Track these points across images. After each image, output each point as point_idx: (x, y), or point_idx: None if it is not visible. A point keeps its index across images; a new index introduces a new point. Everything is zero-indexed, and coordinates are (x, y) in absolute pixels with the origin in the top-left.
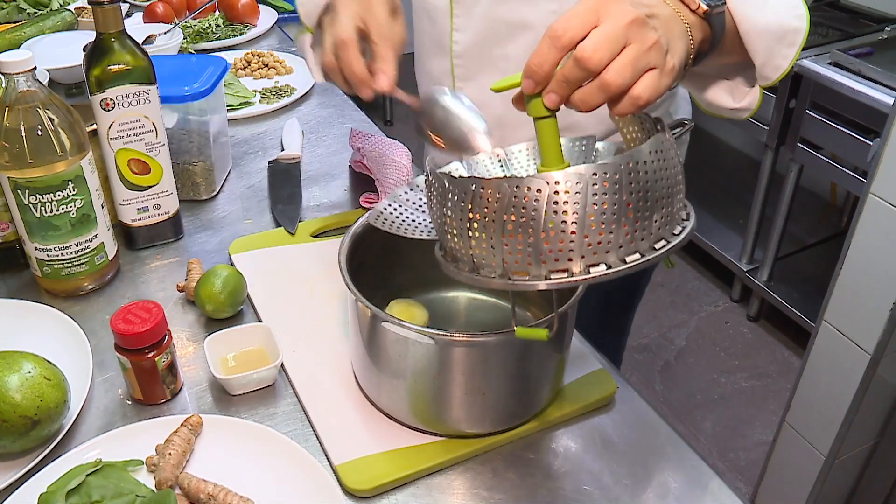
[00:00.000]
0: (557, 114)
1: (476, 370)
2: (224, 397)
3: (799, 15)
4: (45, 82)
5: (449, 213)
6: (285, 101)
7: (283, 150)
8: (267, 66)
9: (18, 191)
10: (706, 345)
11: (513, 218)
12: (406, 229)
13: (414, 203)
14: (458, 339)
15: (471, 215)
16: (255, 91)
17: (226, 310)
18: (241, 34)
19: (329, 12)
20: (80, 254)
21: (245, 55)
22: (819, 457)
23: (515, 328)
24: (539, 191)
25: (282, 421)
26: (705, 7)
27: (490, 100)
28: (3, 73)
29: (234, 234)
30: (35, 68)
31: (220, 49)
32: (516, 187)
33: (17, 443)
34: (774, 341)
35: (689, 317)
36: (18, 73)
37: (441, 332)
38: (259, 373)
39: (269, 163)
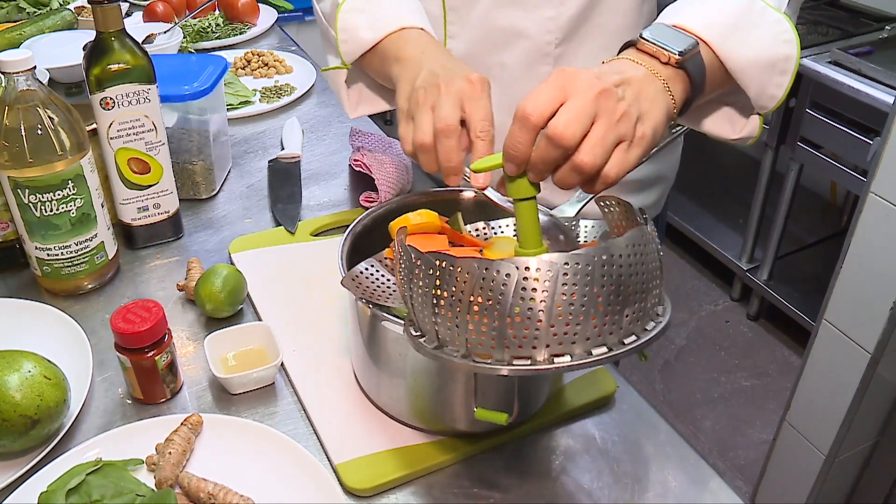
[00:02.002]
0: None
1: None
2: (224, 396)
3: (787, 40)
4: (45, 81)
5: (416, 286)
6: (285, 100)
7: (282, 149)
8: (267, 65)
9: (18, 190)
10: (706, 344)
11: (479, 300)
12: (380, 296)
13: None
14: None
15: (437, 291)
16: (255, 90)
17: (226, 309)
18: (240, 33)
19: (406, 69)
20: (80, 253)
21: (245, 54)
22: (819, 456)
23: (476, 409)
24: (508, 275)
25: (282, 420)
26: (676, 57)
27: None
28: (2, 73)
29: (234, 233)
30: (35, 67)
31: (219, 48)
32: (486, 269)
33: (17, 442)
34: (774, 340)
35: (689, 316)
36: (18, 73)
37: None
38: (259, 372)
39: (269, 162)
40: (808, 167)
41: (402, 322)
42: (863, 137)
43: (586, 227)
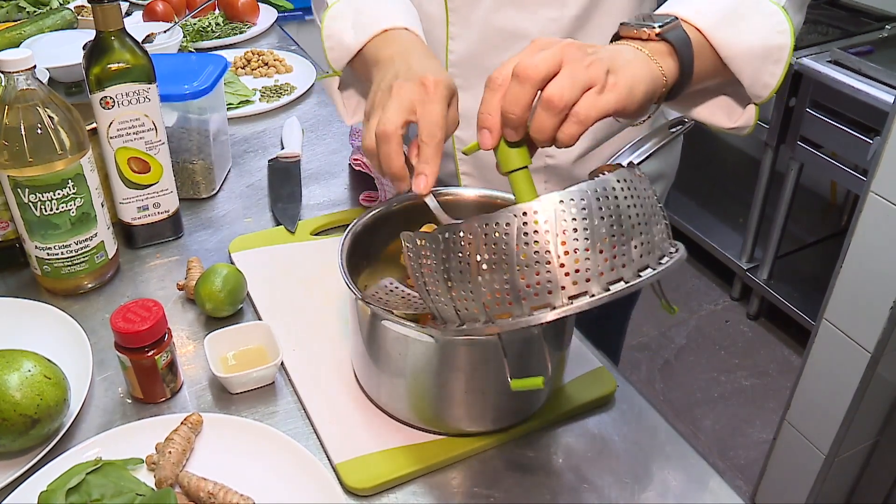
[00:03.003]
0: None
1: (476, 368)
2: (224, 396)
3: (782, 31)
4: (45, 81)
5: (427, 270)
6: (285, 99)
7: (282, 148)
8: (267, 64)
9: (18, 189)
10: (706, 343)
11: (486, 257)
12: (400, 303)
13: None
14: (458, 337)
15: (446, 265)
16: (255, 89)
17: (226, 308)
18: (240, 33)
19: (380, 71)
20: (79, 252)
21: (245, 54)
22: (819, 455)
23: (510, 380)
24: (508, 224)
25: (282, 419)
26: (656, 30)
27: None
28: (2, 72)
29: (234, 232)
30: (35, 67)
31: (219, 48)
32: (485, 224)
33: (17, 441)
34: (774, 340)
35: (689, 315)
36: (18, 72)
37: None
38: (259, 371)
39: (269, 161)
40: (809, 167)
41: (403, 322)
42: (863, 137)
43: None
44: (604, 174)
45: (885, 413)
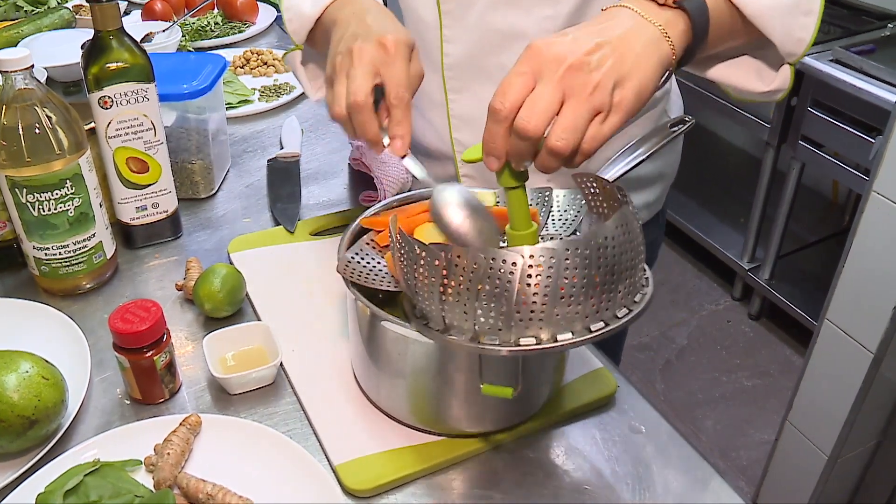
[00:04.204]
0: None
1: (476, 369)
2: (223, 397)
3: None
4: (43, 80)
5: (420, 276)
6: (284, 98)
7: (282, 148)
8: (266, 63)
9: (16, 189)
10: (707, 343)
11: (487, 287)
12: (374, 280)
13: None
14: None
15: (445, 281)
16: (254, 89)
17: (224, 308)
18: (239, 32)
19: (337, 31)
20: (78, 252)
21: (244, 53)
22: (821, 456)
23: (482, 386)
24: (514, 264)
25: (281, 420)
26: None
27: (484, 113)
28: (0, 71)
29: (233, 232)
30: (33, 66)
31: (218, 47)
32: (493, 259)
33: (15, 443)
34: (776, 340)
35: (690, 315)
36: (16, 71)
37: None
38: (258, 372)
39: (269, 161)
40: (810, 166)
41: (403, 323)
42: (865, 136)
43: (558, 196)
44: (594, 188)
45: (887, 413)
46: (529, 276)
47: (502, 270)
